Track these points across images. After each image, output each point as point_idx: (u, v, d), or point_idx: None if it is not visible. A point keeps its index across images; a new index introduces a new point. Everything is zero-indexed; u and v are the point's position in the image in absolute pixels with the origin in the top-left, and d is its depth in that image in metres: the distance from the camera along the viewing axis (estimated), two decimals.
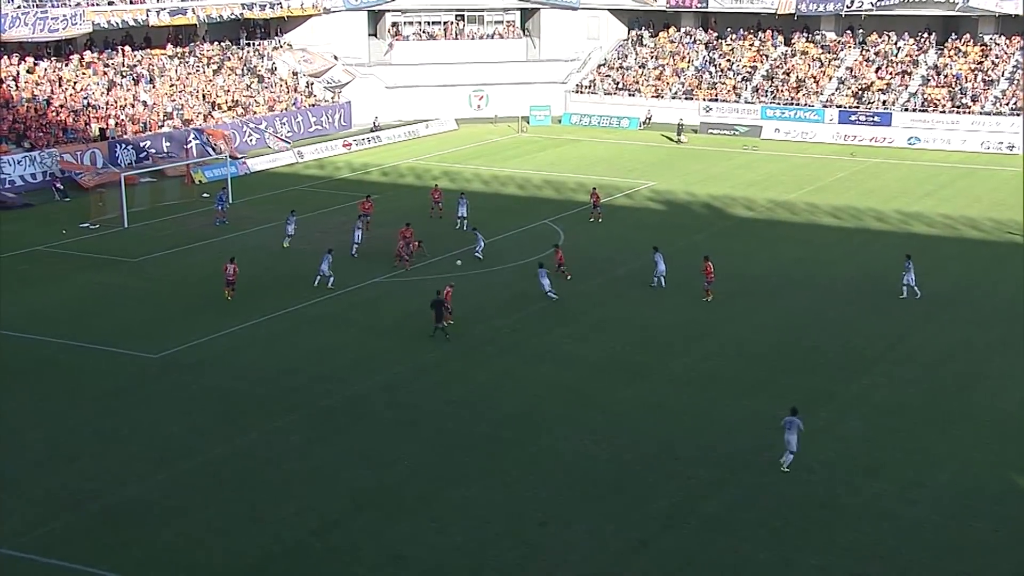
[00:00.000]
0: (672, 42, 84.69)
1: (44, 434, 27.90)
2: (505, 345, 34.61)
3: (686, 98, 78.77)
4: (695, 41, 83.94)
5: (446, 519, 24.15)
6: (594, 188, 53.05)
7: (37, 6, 62.87)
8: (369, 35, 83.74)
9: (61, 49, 67.27)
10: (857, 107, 73.43)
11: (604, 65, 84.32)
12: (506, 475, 26.08)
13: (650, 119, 77.56)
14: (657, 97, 79.55)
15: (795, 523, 24.21)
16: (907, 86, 74.19)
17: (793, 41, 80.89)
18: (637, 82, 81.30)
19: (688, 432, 28.44)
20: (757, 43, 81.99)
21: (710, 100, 77.59)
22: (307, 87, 75.90)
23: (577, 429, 28.50)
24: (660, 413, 29.61)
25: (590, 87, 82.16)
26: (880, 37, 78.67)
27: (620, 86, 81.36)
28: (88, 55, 67.90)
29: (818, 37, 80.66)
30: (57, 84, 63.35)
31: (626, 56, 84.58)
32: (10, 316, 36.84)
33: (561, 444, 27.66)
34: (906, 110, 72.10)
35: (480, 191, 57.86)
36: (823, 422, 29.12)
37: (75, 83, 64.32)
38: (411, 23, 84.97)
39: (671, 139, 72.77)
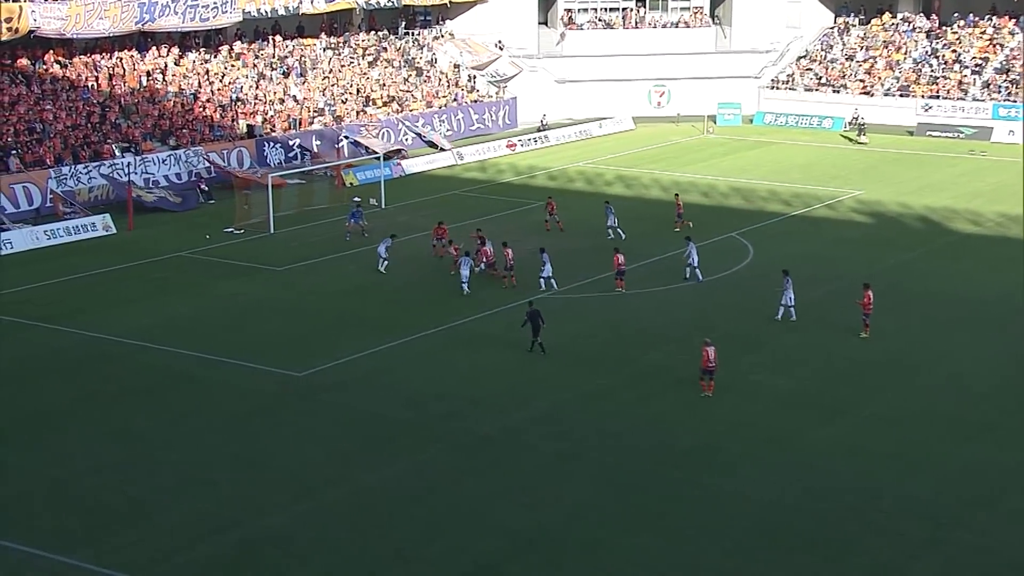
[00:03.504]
0: (886, 30, 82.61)
1: (179, 456, 29.02)
2: (683, 373, 34.23)
3: (901, 95, 76.68)
4: (914, 29, 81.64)
5: (612, 568, 24.00)
6: (677, 194, 53.23)
7: None
8: (539, 24, 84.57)
9: (210, 39, 70.31)
10: None
11: (805, 57, 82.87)
12: (681, 520, 25.78)
13: (857, 119, 75.68)
14: (866, 94, 77.69)
15: None
16: None
17: None
18: (843, 76, 79.60)
19: (895, 480, 27.55)
20: (990, 30, 79.10)
21: (930, 97, 75.26)
22: (469, 81, 77.15)
23: (764, 471, 27.97)
24: (862, 457, 28.79)
25: (788, 82, 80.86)
26: None
27: (823, 81, 79.80)
28: (238, 46, 70.76)
29: None
30: (204, 77, 66.19)
31: (831, 47, 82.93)
32: (147, 326, 38.55)
33: (746, 487, 27.19)
34: None
35: (658, 199, 57.65)
36: None
37: (223, 76, 67.09)
38: (586, 10, 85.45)
39: (850, 139, 71.29)
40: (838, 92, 78.51)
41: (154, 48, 66.55)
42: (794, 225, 52.06)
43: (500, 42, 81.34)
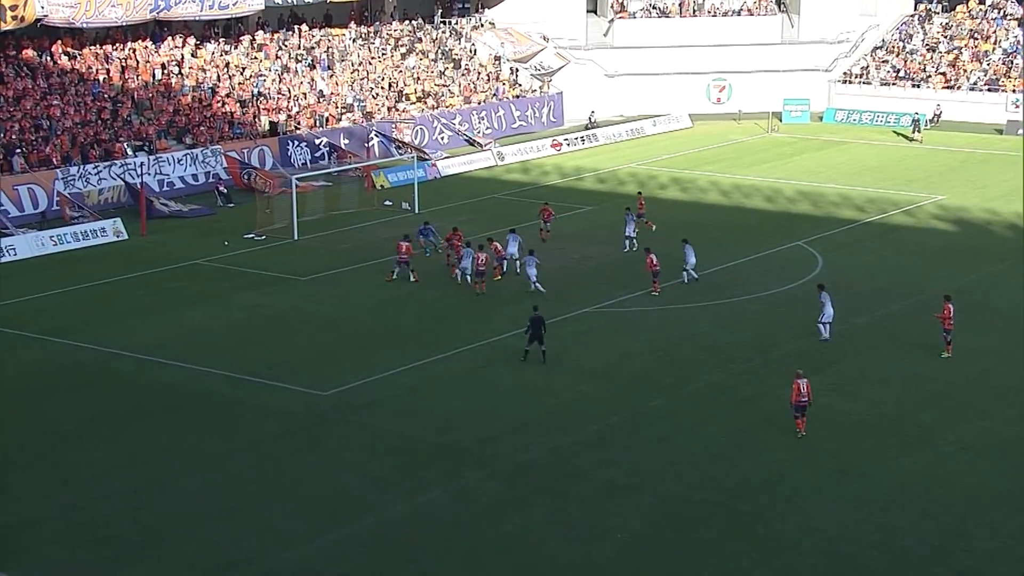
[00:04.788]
0: (973, 18, 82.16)
1: (197, 481, 29.27)
2: (745, 395, 34.20)
3: (989, 90, 76.22)
4: (1004, 16, 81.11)
5: None
6: (639, 192, 54.43)
7: None
8: (587, 12, 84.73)
9: (230, 29, 70.97)
10: None
11: (881, 48, 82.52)
12: (743, 557, 25.71)
13: (939, 116, 75.33)
14: (950, 88, 77.22)
15: None
16: None
17: None
18: (924, 69, 79.15)
19: (985, 516, 27.32)
20: None
21: (1023, 92, 74.65)
22: (511, 74, 77.40)
23: (838, 504, 27.85)
24: (947, 490, 28.60)
25: (862, 76, 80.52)
26: None
27: (901, 75, 79.41)
28: (260, 36, 71.38)
29: None
30: (224, 70, 66.81)
31: (910, 36, 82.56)
32: (162, 340, 38.92)
33: (816, 522, 27.08)
34: None
35: (718, 204, 57.59)
36: None
37: (244, 69, 67.68)
38: None
39: (907, 137, 71.14)
40: (918, 87, 78.10)
41: (170, 38, 67.28)
42: (868, 233, 51.84)
43: (545, 32, 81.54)
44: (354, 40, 75.13)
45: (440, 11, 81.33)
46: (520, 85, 76.95)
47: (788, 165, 66.09)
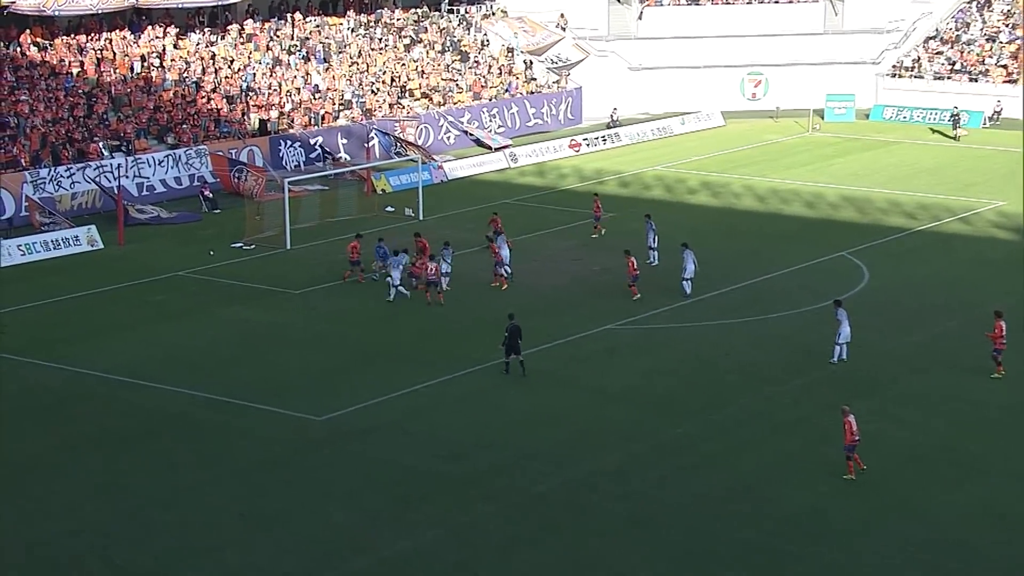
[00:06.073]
0: None
1: (177, 515, 29.26)
2: (781, 421, 34.13)
3: None
4: None
5: None
6: (596, 194, 55.23)
7: None
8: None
9: (216, 17, 71.22)
10: None
11: (935, 38, 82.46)
12: None
13: (999, 113, 75.20)
14: (1011, 82, 77.06)
15: None
16: None
17: None
18: (982, 61, 79.04)
19: None
20: None
21: None
22: (525, 68, 77.50)
23: (884, 541, 27.77)
24: (1005, 525, 28.51)
25: (913, 69, 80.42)
26: None
27: (957, 67, 79.28)
28: (249, 25, 71.59)
29: None
30: (209, 62, 67.04)
31: (967, 25, 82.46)
32: (141, 360, 38.99)
33: (861, 560, 27.02)
34: None
35: (753, 210, 57.54)
36: None
37: (232, 61, 67.90)
38: None
39: (947, 135, 71.01)
40: (976, 81, 77.95)
41: (150, 28, 67.55)
42: (919, 242, 51.77)
43: (563, 20, 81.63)
44: (353, 30, 75.32)
45: None
46: (535, 80, 77.04)
47: (831, 168, 66.00)
